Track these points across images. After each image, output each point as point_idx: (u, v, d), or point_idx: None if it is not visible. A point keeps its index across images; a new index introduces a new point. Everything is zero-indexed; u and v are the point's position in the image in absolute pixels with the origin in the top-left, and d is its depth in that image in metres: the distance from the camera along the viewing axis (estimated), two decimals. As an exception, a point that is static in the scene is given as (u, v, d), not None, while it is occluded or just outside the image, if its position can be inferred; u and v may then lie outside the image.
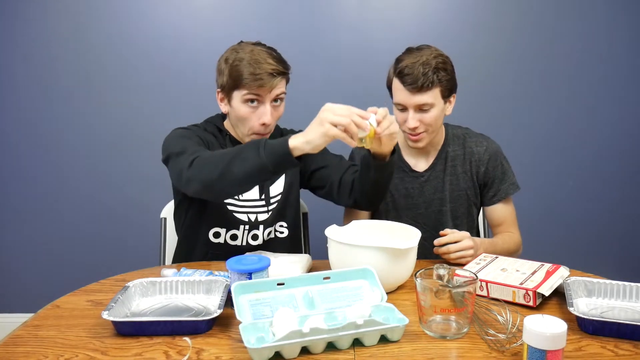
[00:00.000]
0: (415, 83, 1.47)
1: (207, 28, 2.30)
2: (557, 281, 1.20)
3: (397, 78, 1.52)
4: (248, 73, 1.40)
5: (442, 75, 1.50)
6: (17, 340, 1.04)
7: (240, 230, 1.54)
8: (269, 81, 1.41)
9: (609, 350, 0.98)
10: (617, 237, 2.48)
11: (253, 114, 1.45)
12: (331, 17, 2.31)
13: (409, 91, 1.49)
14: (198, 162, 1.30)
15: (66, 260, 2.44)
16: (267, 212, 1.57)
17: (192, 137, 1.46)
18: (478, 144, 1.66)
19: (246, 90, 1.42)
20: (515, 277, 1.21)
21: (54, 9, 2.30)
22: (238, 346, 1.00)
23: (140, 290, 1.19)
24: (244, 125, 1.48)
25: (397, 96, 1.54)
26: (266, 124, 1.45)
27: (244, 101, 1.44)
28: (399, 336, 1.02)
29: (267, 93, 1.43)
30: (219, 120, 1.59)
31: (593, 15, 2.30)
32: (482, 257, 1.37)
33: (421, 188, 1.67)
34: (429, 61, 1.49)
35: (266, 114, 1.44)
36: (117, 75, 2.35)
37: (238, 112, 1.46)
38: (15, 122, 2.38)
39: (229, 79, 1.44)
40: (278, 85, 1.44)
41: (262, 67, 1.40)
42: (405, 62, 1.50)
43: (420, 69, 1.47)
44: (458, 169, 1.66)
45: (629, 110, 2.39)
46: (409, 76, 1.48)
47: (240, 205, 1.54)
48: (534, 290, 1.14)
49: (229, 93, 1.47)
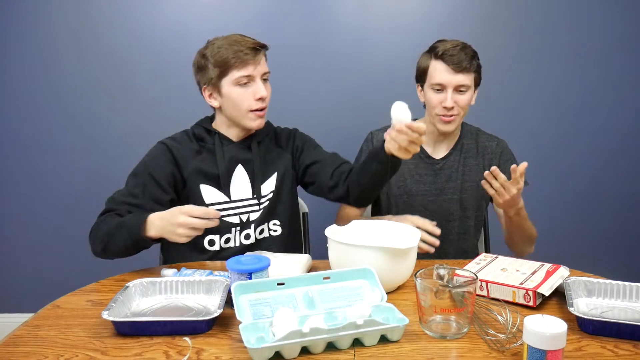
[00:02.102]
0: (459, 63, 1.58)
1: (207, 28, 2.29)
2: (557, 281, 1.20)
3: (438, 59, 1.61)
4: (232, 53, 1.45)
5: (477, 63, 1.63)
6: (17, 340, 1.04)
7: (232, 232, 1.55)
8: (254, 55, 1.47)
9: (609, 350, 0.98)
10: (618, 237, 2.48)
11: (246, 93, 1.49)
12: (331, 18, 2.31)
13: (452, 70, 1.59)
14: (92, 232, 1.44)
15: (66, 260, 2.44)
16: (259, 210, 1.58)
17: (138, 177, 1.50)
18: (490, 140, 1.77)
19: (236, 71, 1.46)
20: (515, 277, 1.21)
21: (53, 9, 2.29)
22: (238, 346, 1.00)
23: (140, 290, 1.19)
24: (240, 107, 1.50)
25: (436, 77, 1.61)
26: (263, 97, 1.49)
27: (235, 84, 1.48)
28: (399, 336, 1.02)
29: (256, 68, 1.48)
30: (206, 122, 1.61)
31: (594, 15, 2.30)
32: (482, 257, 1.37)
33: (435, 175, 1.73)
34: (467, 47, 1.62)
35: (260, 88, 1.49)
36: (116, 76, 2.34)
37: (231, 96, 1.49)
38: (15, 122, 2.38)
39: (215, 68, 1.48)
40: (262, 62, 1.50)
41: (244, 44, 1.46)
42: (446, 45, 1.61)
43: (462, 52, 1.59)
44: (471, 161, 1.74)
45: (630, 110, 2.38)
46: (454, 56, 1.58)
47: (231, 207, 1.55)
48: (534, 290, 1.14)
49: (217, 84, 1.50)
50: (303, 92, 2.34)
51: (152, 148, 1.58)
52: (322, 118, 2.35)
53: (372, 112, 2.31)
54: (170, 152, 1.54)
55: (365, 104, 2.34)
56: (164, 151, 1.54)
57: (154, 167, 1.52)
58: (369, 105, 2.33)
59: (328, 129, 2.31)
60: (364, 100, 2.35)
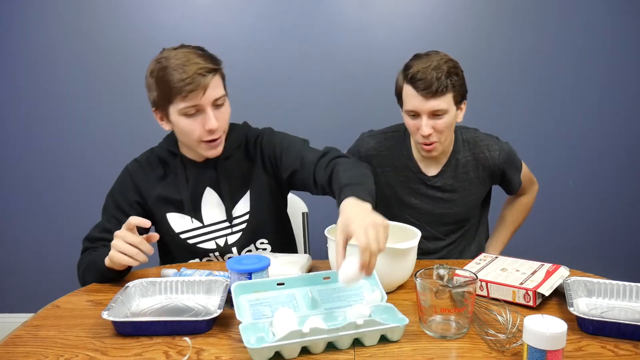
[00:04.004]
0: (429, 88, 1.44)
1: (206, 28, 2.30)
2: (557, 281, 1.20)
3: (409, 84, 1.48)
4: (176, 80, 1.27)
5: (454, 80, 1.47)
6: (17, 340, 1.04)
7: (212, 257, 1.49)
8: (201, 82, 1.28)
9: (609, 351, 0.98)
10: (618, 237, 2.48)
11: (195, 123, 1.33)
12: (330, 18, 2.31)
13: (422, 97, 1.45)
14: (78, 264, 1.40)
15: (66, 260, 2.42)
16: (236, 232, 1.47)
17: (109, 210, 1.44)
18: (490, 149, 1.62)
19: (180, 101, 1.30)
20: (515, 277, 1.21)
21: (53, 9, 2.29)
22: (238, 346, 1.00)
23: (140, 290, 1.19)
24: (190, 137, 1.35)
25: (409, 103, 1.49)
26: (212, 129, 1.33)
27: (182, 114, 1.32)
28: (399, 336, 1.02)
29: (202, 97, 1.30)
30: (172, 141, 1.47)
31: (594, 15, 2.30)
32: (482, 257, 1.36)
33: (427, 191, 1.65)
34: (440, 66, 1.45)
35: (210, 119, 1.32)
36: (115, 76, 2.34)
37: (179, 126, 1.35)
38: (15, 122, 2.38)
39: (159, 93, 1.32)
40: (212, 85, 1.31)
41: (189, 69, 1.28)
42: (417, 67, 1.46)
43: (433, 73, 1.44)
44: (470, 174, 1.63)
45: (630, 110, 2.38)
46: (422, 81, 1.44)
47: (204, 232, 1.47)
48: (534, 290, 1.14)
49: (164, 109, 1.35)
50: (304, 92, 2.34)
51: (120, 174, 1.49)
52: (320, 118, 2.35)
53: (372, 113, 2.33)
54: (133, 180, 1.45)
55: (365, 103, 2.34)
56: (126, 179, 1.47)
57: (119, 198, 1.45)
58: (369, 106, 2.34)
59: (324, 129, 2.32)
60: (363, 100, 2.35)
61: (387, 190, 1.67)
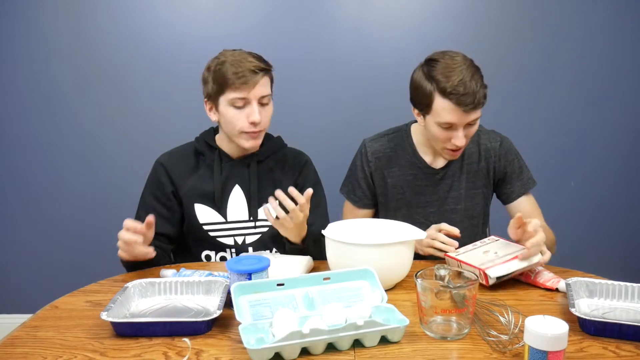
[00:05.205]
0: (472, 103, 1.39)
1: (207, 28, 2.30)
2: (519, 266, 1.23)
3: (446, 99, 1.40)
4: (231, 73, 1.43)
5: (485, 86, 1.45)
6: (15, 341, 1.04)
7: (227, 253, 1.55)
8: (252, 78, 1.43)
9: (610, 352, 0.98)
10: (619, 238, 2.48)
11: (241, 114, 1.46)
12: (331, 18, 2.31)
13: (464, 111, 1.41)
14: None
15: (65, 261, 2.43)
16: (256, 234, 1.55)
17: (147, 206, 1.52)
18: (492, 140, 1.64)
19: (232, 91, 1.44)
20: (487, 258, 1.27)
21: (53, 9, 2.29)
22: (238, 347, 0.99)
23: (139, 291, 1.19)
24: (233, 126, 1.48)
25: (445, 116, 1.43)
26: (255, 122, 1.45)
27: (231, 104, 1.46)
28: (400, 337, 1.02)
29: (252, 91, 1.44)
30: (210, 135, 1.60)
31: (595, 14, 2.30)
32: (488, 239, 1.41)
33: (435, 186, 1.65)
34: (474, 75, 1.41)
35: (254, 112, 1.45)
36: (115, 76, 2.34)
37: (226, 115, 1.47)
38: (14, 122, 2.37)
39: (214, 84, 1.47)
40: (261, 83, 1.45)
41: (244, 65, 1.43)
42: (453, 80, 1.39)
43: (472, 86, 1.39)
44: (474, 166, 1.64)
45: (631, 110, 2.38)
46: (465, 96, 1.38)
47: (226, 228, 1.54)
48: (484, 270, 1.21)
49: (215, 100, 1.48)
50: (304, 93, 2.34)
51: (151, 170, 1.57)
52: (320, 119, 2.34)
53: (372, 114, 2.33)
54: (167, 172, 1.54)
55: (365, 103, 2.34)
56: (161, 173, 1.54)
57: (158, 192, 1.53)
58: (369, 107, 2.33)
59: (325, 130, 2.32)
60: (364, 100, 2.34)
61: (395, 192, 1.67)
